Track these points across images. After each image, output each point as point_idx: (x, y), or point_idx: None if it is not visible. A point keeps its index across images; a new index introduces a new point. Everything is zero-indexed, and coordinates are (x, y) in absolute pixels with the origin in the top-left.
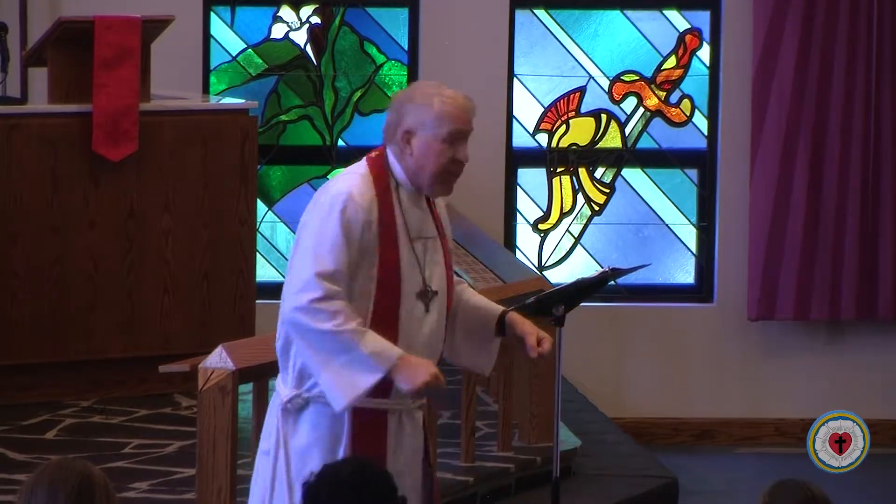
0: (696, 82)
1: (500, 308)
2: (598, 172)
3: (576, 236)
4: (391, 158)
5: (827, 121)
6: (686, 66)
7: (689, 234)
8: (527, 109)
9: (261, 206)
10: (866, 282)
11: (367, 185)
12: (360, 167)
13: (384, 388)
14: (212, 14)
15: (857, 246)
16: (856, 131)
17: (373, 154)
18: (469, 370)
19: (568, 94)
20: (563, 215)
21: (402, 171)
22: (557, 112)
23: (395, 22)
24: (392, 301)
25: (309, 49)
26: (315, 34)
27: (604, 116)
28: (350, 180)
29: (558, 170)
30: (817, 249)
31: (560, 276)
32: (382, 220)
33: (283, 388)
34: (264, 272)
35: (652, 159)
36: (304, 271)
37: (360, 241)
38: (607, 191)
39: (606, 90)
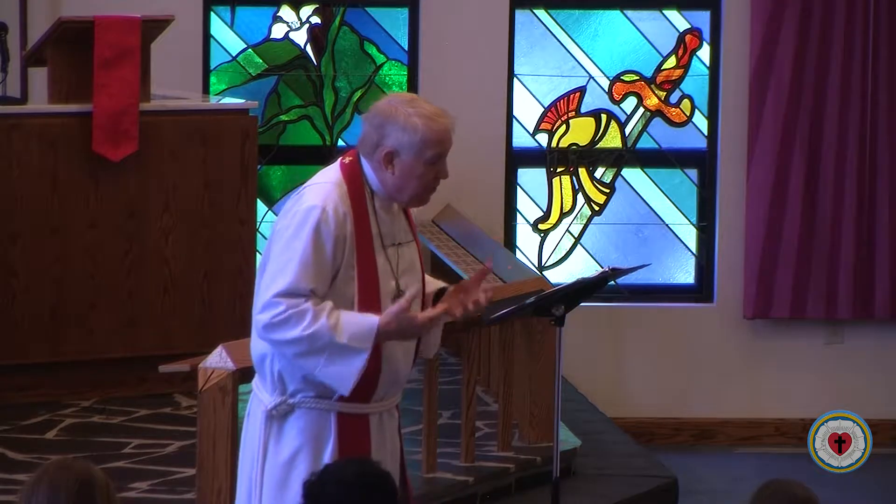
0: (696, 82)
1: (440, 286)
2: (598, 172)
3: (576, 236)
4: (366, 168)
5: (823, 120)
6: (686, 66)
7: (689, 234)
8: (527, 109)
9: (261, 206)
10: (862, 282)
11: (341, 196)
12: (334, 175)
13: (365, 393)
14: (212, 14)
15: (854, 246)
16: (852, 131)
17: (346, 160)
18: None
19: (568, 94)
20: (563, 215)
21: (378, 182)
22: (557, 112)
23: (395, 22)
24: (372, 308)
25: (309, 49)
26: (315, 34)
27: (604, 116)
28: (324, 192)
29: (558, 170)
30: (813, 249)
31: (560, 276)
32: (358, 231)
33: (263, 395)
34: None
35: (652, 159)
36: (267, 292)
37: (333, 255)
38: (607, 191)
39: (606, 90)
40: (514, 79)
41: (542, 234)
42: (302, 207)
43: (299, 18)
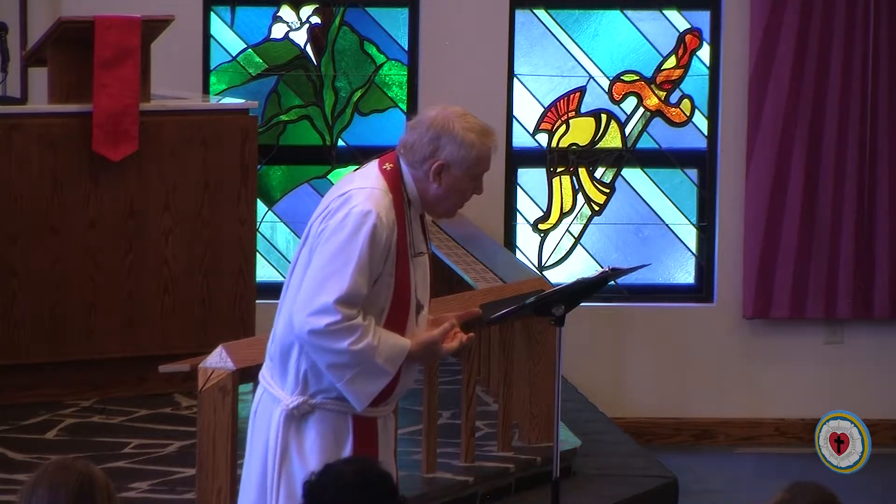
0: (696, 82)
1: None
2: (598, 172)
3: (576, 236)
4: (406, 175)
5: (823, 120)
6: (686, 66)
7: (689, 234)
8: (527, 109)
9: (261, 206)
10: (862, 281)
11: (389, 204)
12: (377, 181)
13: (380, 398)
14: (212, 14)
15: (853, 245)
16: (852, 131)
17: (386, 166)
18: None
19: (568, 94)
20: (563, 215)
21: (416, 192)
22: (557, 112)
23: (395, 22)
24: (401, 316)
25: (309, 49)
26: (315, 34)
27: (604, 116)
28: (374, 197)
29: (558, 170)
30: (813, 248)
31: (560, 276)
32: (399, 241)
33: (280, 393)
34: (264, 272)
35: (652, 159)
36: (323, 294)
37: (379, 261)
38: (607, 191)
39: (606, 90)
40: (514, 79)
41: (542, 234)
42: (355, 210)
43: (299, 18)
